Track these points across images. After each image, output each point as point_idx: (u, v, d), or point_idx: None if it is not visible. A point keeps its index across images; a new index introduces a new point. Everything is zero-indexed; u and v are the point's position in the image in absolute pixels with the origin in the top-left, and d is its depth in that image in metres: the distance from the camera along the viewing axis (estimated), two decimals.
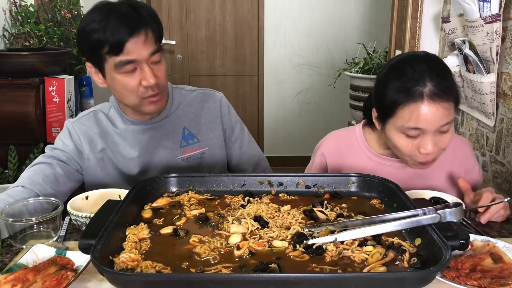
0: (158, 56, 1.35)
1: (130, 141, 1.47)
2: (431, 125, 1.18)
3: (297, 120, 4.40)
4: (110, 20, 1.27)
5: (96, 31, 1.27)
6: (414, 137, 1.22)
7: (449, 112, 1.18)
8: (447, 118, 1.18)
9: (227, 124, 1.58)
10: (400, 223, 0.94)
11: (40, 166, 1.39)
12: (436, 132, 1.20)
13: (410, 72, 1.19)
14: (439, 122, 1.18)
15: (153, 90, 1.35)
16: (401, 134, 1.23)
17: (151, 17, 1.34)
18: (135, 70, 1.32)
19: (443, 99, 1.16)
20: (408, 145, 1.23)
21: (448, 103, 1.18)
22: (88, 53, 1.36)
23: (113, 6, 1.31)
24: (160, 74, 1.36)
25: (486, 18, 1.73)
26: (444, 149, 1.25)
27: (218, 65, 4.39)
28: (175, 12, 4.27)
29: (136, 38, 1.28)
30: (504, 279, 0.92)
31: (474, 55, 1.86)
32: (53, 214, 1.16)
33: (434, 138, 1.20)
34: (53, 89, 2.33)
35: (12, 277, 0.90)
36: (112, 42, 1.27)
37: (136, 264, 0.87)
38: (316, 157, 1.48)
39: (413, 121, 1.18)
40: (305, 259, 0.90)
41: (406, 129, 1.21)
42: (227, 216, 1.07)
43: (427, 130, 1.19)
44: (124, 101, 1.41)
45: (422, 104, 1.16)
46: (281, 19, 4.17)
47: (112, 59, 1.30)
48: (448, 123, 1.20)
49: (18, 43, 2.57)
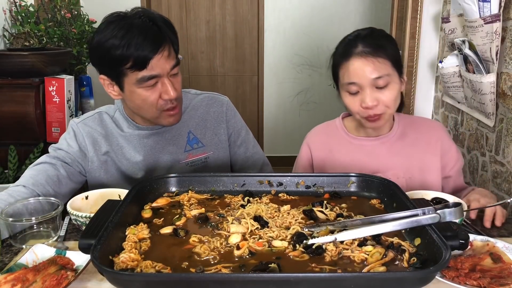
0: (177, 69, 1.36)
1: (134, 145, 1.47)
2: (363, 79, 1.30)
3: (297, 120, 4.40)
4: (134, 36, 1.25)
5: (119, 47, 1.26)
6: (355, 94, 1.34)
7: (381, 67, 1.30)
8: (379, 72, 1.29)
9: (232, 129, 1.58)
10: (399, 223, 0.94)
11: (44, 166, 1.38)
12: (372, 87, 1.31)
13: (346, 39, 1.39)
14: (370, 75, 1.29)
15: (172, 103, 1.36)
16: (346, 93, 1.36)
17: (170, 31, 1.34)
18: (156, 84, 1.32)
19: (373, 55, 1.30)
20: (354, 103, 1.35)
21: (379, 59, 1.30)
22: (106, 68, 1.34)
23: (132, 21, 1.29)
24: (177, 86, 1.37)
25: (486, 18, 1.73)
26: (389, 107, 1.33)
27: (218, 65, 4.39)
28: (175, 12, 4.27)
29: (160, 54, 1.28)
30: (504, 279, 0.92)
31: (473, 55, 1.87)
32: (53, 214, 1.16)
33: (372, 93, 1.31)
34: (53, 89, 2.33)
35: (12, 277, 0.90)
36: (136, 59, 1.26)
37: (136, 264, 0.88)
38: (302, 149, 1.58)
39: (347, 76, 1.33)
40: (304, 259, 0.90)
41: (346, 86, 1.34)
42: (227, 216, 1.07)
43: (362, 84, 1.31)
44: (141, 114, 1.41)
45: (353, 60, 1.32)
46: (281, 19, 4.17)
47: (134, 74, 1.29)
48: (382, 77, 1.30)
49: (18, 43, 2.57)
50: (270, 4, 4.14)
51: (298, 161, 1.59)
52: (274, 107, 4.40)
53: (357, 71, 1.31)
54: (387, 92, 1.32)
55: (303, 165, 1.56)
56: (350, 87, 1.33)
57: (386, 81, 1.31)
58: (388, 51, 1.33)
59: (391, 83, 1.32)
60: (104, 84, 1.38)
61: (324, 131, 1.57)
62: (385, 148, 1.46)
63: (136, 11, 1.33)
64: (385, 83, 1.31)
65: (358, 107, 1.34)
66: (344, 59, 1.34)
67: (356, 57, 1.31)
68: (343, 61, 1.34)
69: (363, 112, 1.34)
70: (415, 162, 1.45)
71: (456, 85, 2.17)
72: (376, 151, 1.46)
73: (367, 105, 1.31)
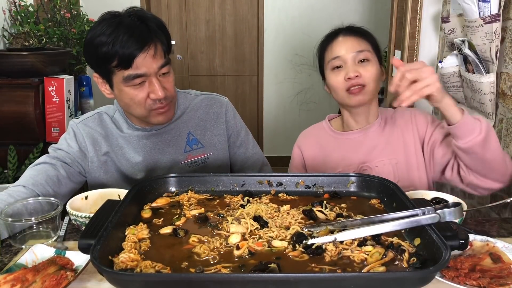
0: (167, 68, 1.34)
1: (134, 146, 1.47)
2: (346, 53, 1.41)
3: (297, 120, 4.40)
4: (120, 34, 1.25)
5: (105, 44, 1.26)
6: (339, 69, 1.43)
7: (362, 44, 1.43)
8: (359, 46, 1.42)
9: (232, 130, 1.58)
10: (399, 223, 0.94)
11: (44, 166, 1.38)
12: (354, 61, 1.41)
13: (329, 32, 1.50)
14: (352, 49, 1.41)
15: (161, 102, 1.35)
16: (331, 71, 1.45)
17: (160, 30, 1.33)
18: (144, 83, 1.32)
19: (354, 35, 1.44)
20: (337, 79, 1.43)
21: (359, 38, 1.44)
22: (95, 65, 1.35)
23: (122, 19, 1.29)
24: (168, 86, 1.36)
25: (486, 18, 1.73)
26: (370, 81, 1.41)
27: (218, 65, 4.39)
28: (175, 12, 4.27)
29: (146, 53, 1.27)
30: (503, 278, 0.92)
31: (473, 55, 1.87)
32: (52, 214, 1.16)
33: (354, 66, 1.41)
34: (53, 89, 2.33)
35: (12, 277, 0.90)
36: (121, 57, 1.26)
37: (135, 264, 0.87)
38: (294, 152, 1.64)
39: (331, 53, 1.45)
40: (304, 259, 0.90)
41: (331, 62, 1.44)
42: (227, 216, 1.07)
43: (345, 58, 1.41)
44: (131, 112, 1.41)
45: (337, 39, 1.46)
46: (281, 19, 4.17)
47: (120, 73, 1.29)
48: (363, 52, 1.41)
49: (18, 43, 2.57)
50: (269, 4, 4.14)
51: (291, 163, 1.65)
52: (273, 107, 4.40)
53: (341, 45, 1.43)
54: (369, 67, 1.41)
55: (296, 166, 1.62)
56: (334, 62, 1.43)
57: (366, 56, 1.41)
58: (368, 38, 1.46)
59: (371, 60, 1.42)
60: (98, 82, 1.39)
61: (312, 133, 1.64)
62: (369, 139, 1.51)
63: (129, 10, 1.33)
64: (366, 57, 1.41)
65: (342, 81, 1.42)
66: (329, 42, 1.47)
67: (340, 37, 1.45)
68: (328, 44, 1.47)
69: (346, 84, 1.41)
70: (397, 146, 1.48)
71: (455, 85, 2.17)
72: (361, 142, 1.51)
73: (349, 75, 1.39)
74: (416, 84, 1.17)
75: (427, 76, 1.17)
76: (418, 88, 1.17)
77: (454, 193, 1.38)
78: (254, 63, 4.37)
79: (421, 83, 1.17)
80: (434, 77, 1.18)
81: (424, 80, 1.17)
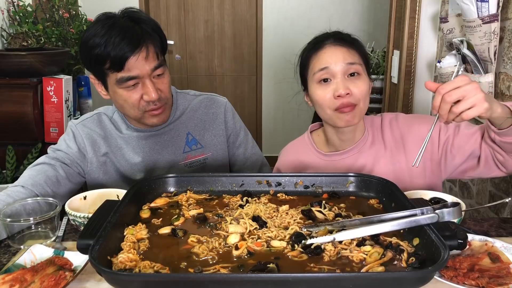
0: (161, 70, 1.34)
1: (133, 146, 1.47)
2: (334, 64, 1.28)
3: (296, 120, 4.39)
4: (112, 36, 1.25)
5: (98, 46, 1.26)
6: (326, 83, 1.29)
7: (351, 55, 1.29)
8: (350, 58, 1.29)
9: (231, 130, 1.58)
10: (398, 222, 0.94)
11: (43, 166, 1.38)
12: (344, 75, 1.28)
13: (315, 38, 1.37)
14: (341, 61, 1.28)
15: (155, 104, 1.35)
16: (317, 85, 1.31)
17: (154, 32, 1.33)
18: (137, 85, 1.31)
19: (343, 45, 1.31)
20: (325, 94, 1.29)
21: (349, 48, 1.30)
22: (90, 66, 1.35)
23: (116, 20, 1.29)
24: (163, 87, 1.35)
25: (484, 18, 1.74)
26: (360, 99, 1.28)
27: (217, 65, 4.39)
28: (173, 12, 4.27)
29: (138, 55, 1.27)
30: (502, 278, 0.92)
31: (472, 55, 1.87)
32: (51, 214, 1.15)
33: (344, 81, 1.28)
34: (51, 89, 2.32)
35: (10, 278, 0.90)
36: (113, 59, 1.26)
37: (134, 264, 0.87)
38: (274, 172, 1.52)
39: (319, 63, 1.30)
40: (303, 259, 0.90)
41: (318, 73, 1.29)
42: (226, 216, 1.07)
43: (335, 71, 1.28)
44: (125, 113, 1.42)
45: (325, 48, 1.31)
46: (280, 19, 4.17)
47: (113, 75, 1.29)
48: (354, 64, 1.28)
49: (16, 43, 2.56)
50: (268, 4, 4.14)
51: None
52: (272, 107, 4.40)
53: (330, 56, 1.29)
54: (359, 82, 1.28)
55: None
56: (321, 74, 1.29)
57: (357, 69, 1.29)
58: (358, 48, 1.33)
59: (362, 75, 1.30)
60: (94, 83, 1.39)
61: (294, 151, 1.52)
62: (358, 161, 1.39)
63: (124, 11, 1.33)
64: (357, 71, 1.29)
65: (330, 98, 1.28)
66: (315, 51, 1.32)
67: (328, 46, 1.31)
68: (314, 52, 1.33)
69: (335, 102, 1.28)
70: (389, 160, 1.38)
71: None
72: (347, 165, 1.40)
73: (339, 93, 1.25)
74: (458, 105, 1.01)
75: (471, 95, 1.00)
76: (460, 110, 1.01)
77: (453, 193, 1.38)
78: (253, 63, 4.38)
79: (465, 103, 1.00)
80: (480, 96, 1.00)
81: (467, 100, 1.00)
